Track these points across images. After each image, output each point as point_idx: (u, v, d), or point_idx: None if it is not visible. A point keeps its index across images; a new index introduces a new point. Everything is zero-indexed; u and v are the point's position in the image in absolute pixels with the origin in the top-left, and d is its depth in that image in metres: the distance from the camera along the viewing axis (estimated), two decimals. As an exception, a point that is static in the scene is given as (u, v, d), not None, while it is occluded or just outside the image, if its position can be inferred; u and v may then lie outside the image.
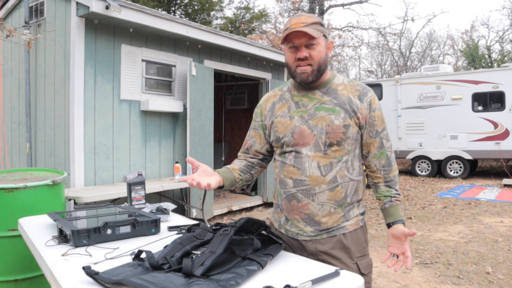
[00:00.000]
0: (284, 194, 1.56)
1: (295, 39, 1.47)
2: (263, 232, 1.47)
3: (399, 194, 1.61)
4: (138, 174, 2.30)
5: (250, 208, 6.86)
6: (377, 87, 11.76)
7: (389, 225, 1.59)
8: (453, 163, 10.64)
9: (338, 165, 1.50)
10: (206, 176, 1.48)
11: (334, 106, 1.51)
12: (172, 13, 17.82)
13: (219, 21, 20.52)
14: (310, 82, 1.52)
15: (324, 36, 1.51)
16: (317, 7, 14.49)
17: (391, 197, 1.59)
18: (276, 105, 1.62)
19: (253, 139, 1.69)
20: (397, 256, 1.57)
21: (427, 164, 11.06)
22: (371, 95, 1.55)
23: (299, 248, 1.55)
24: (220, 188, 1.55)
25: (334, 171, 1.50)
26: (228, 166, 1.65)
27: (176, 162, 5.21)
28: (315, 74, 1.50)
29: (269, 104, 1.65)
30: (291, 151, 1.54)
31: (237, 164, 1.67)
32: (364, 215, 1.63)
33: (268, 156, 1.71)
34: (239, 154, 1.76)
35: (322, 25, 1.50)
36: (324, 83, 1.56)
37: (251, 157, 1.70)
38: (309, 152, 1.50)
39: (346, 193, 1.52)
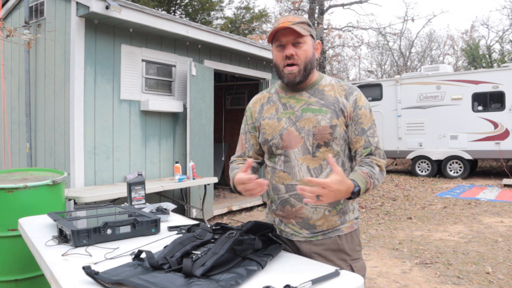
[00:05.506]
0: (278, 200, 1.56)
1: (282, 37, 1.47)
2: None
3: (371, 178, 1.42)
4: (138, 174, 2.30)
5: (250, 208, 6.85)
6: (377, 87, 11.76)
7: None
8: (453, 163, 10.64)
9: (328, 167, 1.48)
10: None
11: (321, 106, 1.51)
12: (172, 13, 17.82)
13: (219, 21, 20.52)
14: (298, 83, 1.52)
15: (312, 36, 1.52)
16: (317, 7, 14.49)
17: (361, 168, 1.45)
18: (264, 107, 1.62)
19: (251, 142, 1.68)
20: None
21: (427, 164, 11.06)
22: (357, 94, 1.54)
23: (293, 249, 1.55)
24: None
25: (324, 173, 1.48)
26: (242, 168, 1.51)
27: (176, 162, 5.21)
28: (302, 74, 1.50)
29: (258, 106, 1.65)
30: (280, 155, 1.53)
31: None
32: (358, 219, 1.61)
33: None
34: (234, 158, 1.71)
35: (309, 25, 1.51)
36: (311, 84, 1.56)
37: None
38: (298, 156, 1.50)
39: None
